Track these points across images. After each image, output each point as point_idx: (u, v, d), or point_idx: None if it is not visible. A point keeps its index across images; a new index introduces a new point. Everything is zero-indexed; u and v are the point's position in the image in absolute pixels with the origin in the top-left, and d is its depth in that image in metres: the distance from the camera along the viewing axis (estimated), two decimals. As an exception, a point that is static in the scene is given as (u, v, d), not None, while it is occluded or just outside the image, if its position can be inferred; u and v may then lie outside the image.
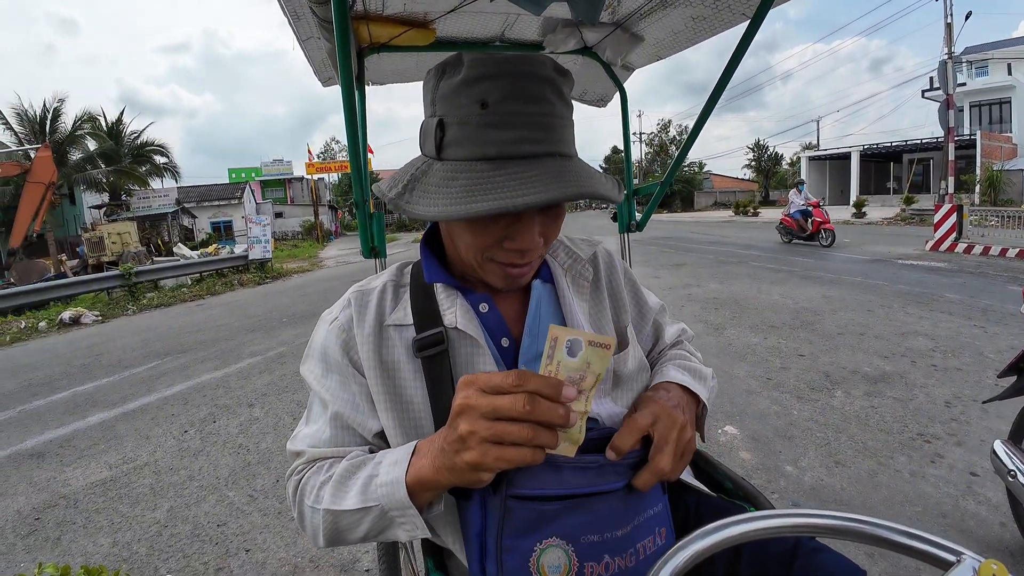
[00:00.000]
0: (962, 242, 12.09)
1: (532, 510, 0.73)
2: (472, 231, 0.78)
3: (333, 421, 0.87)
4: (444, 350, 0.85)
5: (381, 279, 0.96)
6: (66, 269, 15.85)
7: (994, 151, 25.76)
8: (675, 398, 0.89)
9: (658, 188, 1.65)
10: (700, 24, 1.45)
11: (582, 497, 0.75)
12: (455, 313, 0.86)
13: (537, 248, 0.79)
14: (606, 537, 0.76)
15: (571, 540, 0.74)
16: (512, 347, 0.89)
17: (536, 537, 0.73)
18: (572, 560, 0.73)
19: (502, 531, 0.73)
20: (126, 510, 3.05)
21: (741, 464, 3.05)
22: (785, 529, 0.61)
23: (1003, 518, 2.39)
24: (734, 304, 7.30)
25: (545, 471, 0.74)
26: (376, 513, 0.76)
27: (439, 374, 0.84)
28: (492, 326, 0.89)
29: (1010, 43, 30.34)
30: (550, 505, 0.74)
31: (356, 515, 0.77)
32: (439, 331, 0.85)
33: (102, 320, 10.30)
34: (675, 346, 1.11)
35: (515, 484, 0.73)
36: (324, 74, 1.59)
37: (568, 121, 0.77)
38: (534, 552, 0.73)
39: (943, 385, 4.01)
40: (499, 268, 0.82)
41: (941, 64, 14.90)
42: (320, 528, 0.80)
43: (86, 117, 23.66)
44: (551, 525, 0.73)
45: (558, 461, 0.73)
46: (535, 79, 0.72)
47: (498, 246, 0.79)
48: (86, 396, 5.32)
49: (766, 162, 54.76)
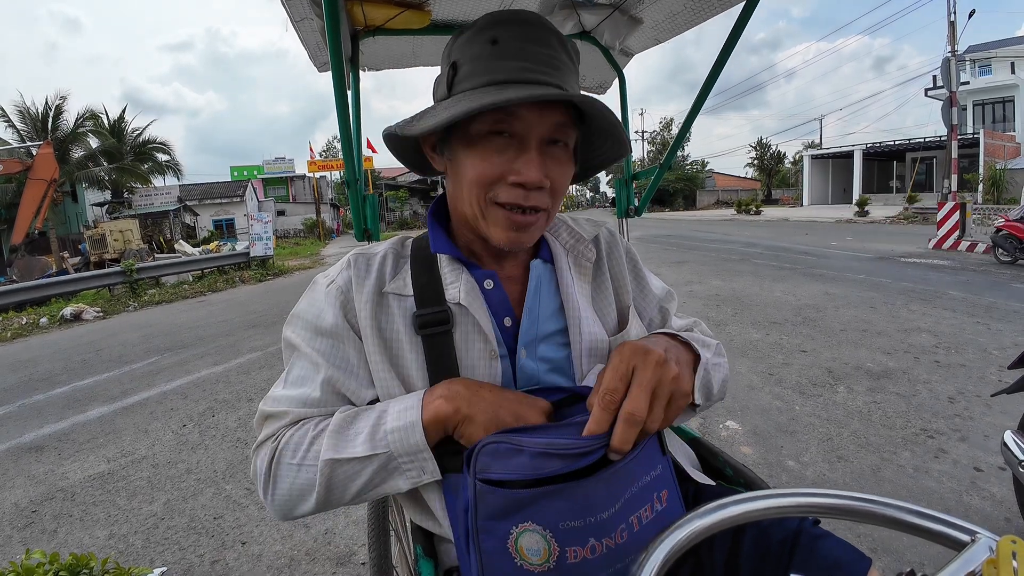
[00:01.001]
0: (965, 240, 12.06)
1: (503, 496, 0.68)
2: (480, 158, 0.78)
3: (325, 385, 0.83)
4: (448, 330, 0.83)
5: (382, 246, 0.94)
6: (68, 266, 15.87)
7: (997, 150, 25.65)
8: (656, 341, 0.80)
9: (657, 171, 1.62)
10: (699, 4, 1.42)
11: (557, 481, 0.69)
12: (459, 288, 0.85)
13: (539, 183, 0.78)
14: (589, 522, 0.69)
15: (548, 527, 0.68)
16: (514, 327, 0.87)
17: (511, 521, 0.69)
18: (552, 545, 0.68)
19: (476, 511, 0.69)
20: (123, 503, 3.03)
21: (743, 459, 3.01)
22: (789, 509, 0.58)
23: (1008, 513, 2.36)
24: (736, 301, 7.27)
25: (513, 455, 0.69)
26: (381, 461, 0.75)
27: (441, 354, 0.82)
28: (496, 304, 0.87)
29: (1014, 41, 30.22)
30: (522, 492, 0.68)
31: (358, 464, 0.75)
32: (443, 309, 0.83)
33: (103, 316, 10.30)
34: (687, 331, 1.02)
35: (485, 468, 0.69)
36: (319, 58, 1.56)
37: (572, 70, 0.81)
38: (511, 534, 0.68)
39: (946, 381, 3.98)
40: (503, 215, 0.80)
41: (944, 62, 14.84)
42: (309, 487, 0.77)
43: (88, 115, 23.63)
44: (524, 511, 0.68)
45: (524, 444, 0.69)
46: (543, 27, 0.79)
47: (502, 182, 0.78)
48: (86, 391, 5.31)
49: (768, 161, 54.61)
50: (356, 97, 1.53)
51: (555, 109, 0.77)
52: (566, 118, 0.79)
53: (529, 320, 0.87)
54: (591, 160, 0.96)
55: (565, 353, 0.88)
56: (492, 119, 0.76)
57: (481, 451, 0.70)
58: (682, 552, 0.53)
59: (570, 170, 0.84)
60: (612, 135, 0.86)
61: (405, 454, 0.74)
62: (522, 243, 0.83)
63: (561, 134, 0.79)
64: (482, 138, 0.78)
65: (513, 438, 0.71)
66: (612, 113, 0.78)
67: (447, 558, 0.88)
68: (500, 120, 0.76)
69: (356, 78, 1.55)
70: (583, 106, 0.78)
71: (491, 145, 0.77)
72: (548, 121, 0.77)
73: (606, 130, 0.84)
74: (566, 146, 0.81)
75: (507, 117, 0.76)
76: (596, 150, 0.92)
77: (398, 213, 46.87)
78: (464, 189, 0.81)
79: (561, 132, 0.79)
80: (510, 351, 0.86)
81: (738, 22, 1.23)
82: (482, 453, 0.70)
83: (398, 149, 0.93)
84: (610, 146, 0.91)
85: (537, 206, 0.80)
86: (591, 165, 0.97)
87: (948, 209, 12.54)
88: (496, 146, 0.77)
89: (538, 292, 0.89)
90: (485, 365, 0.83)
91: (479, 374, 0.83)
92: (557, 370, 0.88)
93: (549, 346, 0.88)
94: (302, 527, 2.64)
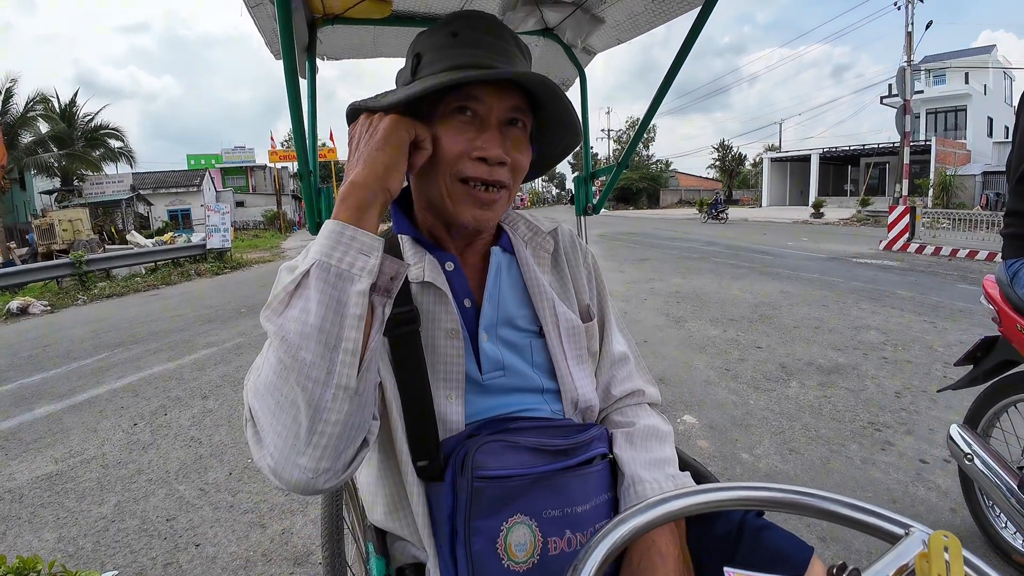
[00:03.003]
0: (914, 242, 12.53)
1: (498, 487, 0.77)
2: (445, 136, 0.82)
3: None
4: (415, 329, 0.84)
5: None
6: (14, 257, 15.19)
7: (948, 156, 26.74)
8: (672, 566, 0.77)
9: (615, 169, 1.64)
10: (659, 6, 1.44)
11: (545, 474, 0.80)
12: (423, 268, 0.87)
13: (501, 158, 0.82)
14: (567, 512, 0.79)
15: (534, 515, 0.77)
16: (473, 309, 0.90)
17: (503, 516, 0.77)
18: (536, 536, 0.77)
19: (470, 512, 0.76)
20: (72, 504, 2.92)
21: (699, 452, 3.08)
22: (729, 502, 0.59)
23: (953, 504, 2.46)
24: (695, 298, 7.41)
25: (509, 453, 0.79)
26: (317, 280, 0.64)
27: (409, 352, 0.83)
28: (456, 286, 0.90)
29: (968, 53, 31.53)
30: (514, 482, 0.78)
31: (299, 305, 0.64)
32: (410, 309, 0.84)
33: (51, 310, 9.88)
34: (629, 401, 1.01)
35: (482, 466, 0.77)
36: (275, 45, 1.52)
37: (525, 65, 0.89)
38: (501, 531, 0.76)
39: (894, 376, 4.13)
40: (468, 193, 0.83)
41: (900, 71, 15.38)
42: (277, 381, 0.64)
43: (39, 99, 22.67)
44: (516, 502, 0.77)
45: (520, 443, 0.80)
46: (500, 25, 0.88)
47: (466, 157, 0.82)
48: (33, 388, 5.09)
49: (730, 162, 55.84)
50: (312, 86, 1.50)
51: (512, 92, 0.83)
52: (522, 102, 0.85)
53: (490, 304, 0.90)
54: (548, 149, 0.99)
55: (528, 338, 0.92)
56: (456, 102, 0.82)
57: (477, 451, 0.77)
58: (623, 547, 0.54)
59: (528, 151, 0.89)
60: (566, 121, 0.90)
61: (334, 249, 0.66)
62: (487, 220, 0.86)
63: (519, 115, 0.85)
64: (446, 117, 0.83)
65: (508, 436, 0.80)
66: (566, 98, 0.84)
67: (400, 555, 0.88)
68: (463, 100, 0.82)
69: (313, 66, 1.52)
70: (539, 90, 0.83)
71: (455, 123, 0.82)
72: (506, 103, 0.83)
73: (561, 116, 0.89)
74: (524, 128, 0.87)
75: (469, 99, 0.82)
76: (552, 137, 0.96)
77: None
78: (431, 168, 0.84)
79: (519, 113, 0.85)
80: (471, 335, 0.88)
81: (694, 26, 1.25)
82: (478, 453, 0.77)
83: None
84: (565, 133, 0.94)
85: (500, 181, 0.84)
86: (548, 154, 1.01)
87: (899, 212, 13.01)
88: (459, 125, 0.82)
89: (498, 278, 0.92)
90: (445, 343, 0.85)
91: (440, 352, 0.85)
92: (518, 353, 0.91)
93: (511, 330, 0.91)
94: (258, 527, 2.59)
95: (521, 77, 0.81)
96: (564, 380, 0.91)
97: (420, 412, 0.81)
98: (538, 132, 0.93)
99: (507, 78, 0.82)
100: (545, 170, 1.05)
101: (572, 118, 0.88)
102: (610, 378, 1.00)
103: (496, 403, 0.87)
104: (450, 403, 0.84)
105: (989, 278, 2.09)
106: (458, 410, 0.84)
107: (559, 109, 0.86)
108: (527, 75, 0.79)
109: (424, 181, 0.87)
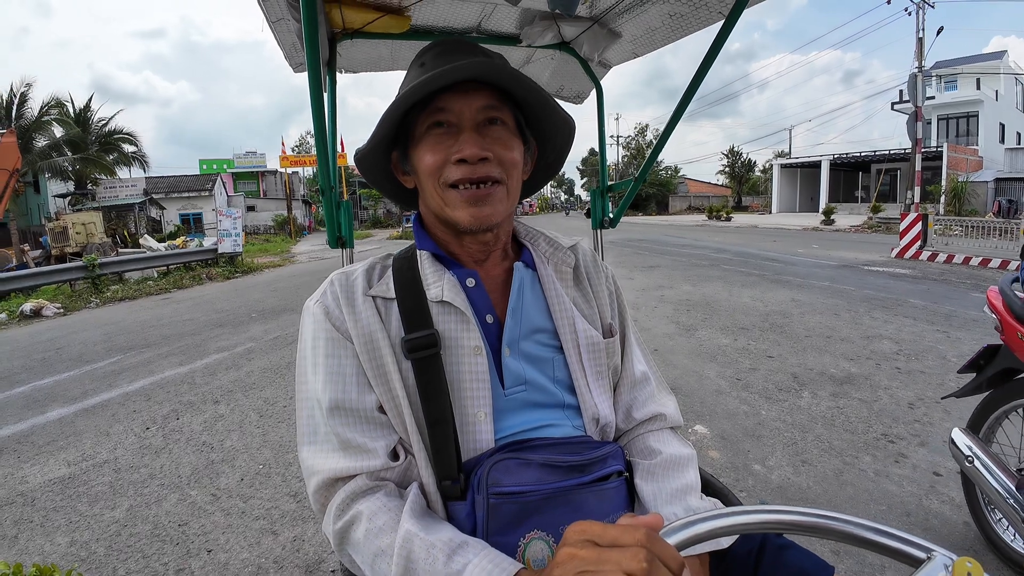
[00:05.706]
0: (927, 250, 12.42)
1: (514, 503, 0.77)
2: (426, 151, 0.85)
3: (332, 417, 0.81)
4: (436, 353, 0.83)
5: (365, 262, 0.96)
6: (28, 259, 15.35)
7: (960, 163, 26.54)
8: None
9: (632, 184, 1.64)
10: (677, 22, 1.45)
11: (560, 490, 0.80)
12: (442, 287, 0.87)
13: (478, 156, 0.83)
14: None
15: (551, 531, 0.78)
16: (496, 325, 0.90)
17: (520, 532, 0.77)
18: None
19: (488, 528, 0.76)
20: (85, 509, 2.95)
21: (710, 463, 3.07)
22: (753, 526, 0.59)
23: (967, 517, 2.43)
24: (706, 306, 7.38)
25: (523, 469, 0.79)
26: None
27: (431, 377, 0.83)
28: (478, 302, 0.90)
29: (980, 58, 31.32)
30: (529, 498, 0.78)
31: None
32: (431, 333, 0.84)
33: (64, 313, 9.99)
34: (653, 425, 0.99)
35: (497, 483, 0.78)
36: (295, 59, 1.55)
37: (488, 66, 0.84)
38: (519, 547, 0.76)
39: (907, 387, 4.10)
40: (458, 195, 0.85)
41: (911, 77, 15.28)
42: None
43: (53, 103, 22.93)
44: (532, 518, 0.78)
45: (532, 459, 0.80)
46: (467, 43, 0.92)
47: (448, 164, 0.84)
48: (45, 391, 5.14)
49: (740, 168, 55.60)
50: (332, 100, 1.52)
51: (480, 93, 0.85)
52: (493, 99, 0.86)
53: (513, 319, 0.90)
54: (550, 145, 0.99)
55: (550, 353, 0.91)
56: (428, 119, 0.85)
57: (491, 469, 0.78)
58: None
59: (515, 143, 0.89)
60: (542, 103, 0.89)
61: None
62: (486, 217, 0.86)
63: (494, 113, 0.86)
64: (423, 136, 0.86)
65: (521, 454, 0.81)
66: (530, 80, 0.84)
67: None
68: (434, 115, 0.85)
69: (333, 80, 1.54)
70: (504, 82, 0.85)
71: (432, 137, 0.86)
72: (475, 104, 0.85)
73: (538, 103, 0.89)
74: (505, 124, 0.88)
75: (438, 112, 0.85)
76: (546, 129, 0.96)
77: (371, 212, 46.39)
78: (424, 183, 0.88)
79: (494, 111, 0.86)
80: (493, 350, 0.88)
81: (716, 40, 1.25)
82: (493, 470, 0.78)
83: (377, 183, 1.00)
84: (553, 117, 0.93)
85: (487, 175, 0.84)
86: (552, 151, 1.01)
87: (911, 219, 12.91)
88: (436, 138, 0.85)
89: (521, 293, 0.92)
90: (470, 361, 0.85)
91: (465, 370, 0.85)
92: (541, 368, 0.90)
93: (534, 344, 0.91)
94: (270, 534, 2.60)
95: (464, 72, 0.80)
96: (583, 397, 0.91)
97: (443, 434, 0.81)
98: (538, 132, 0.96)
99: (455, 79, 0.82)
100: (557, 167, 1.05)
101: (544, 99, 0.88)
102: (632, 400, 0.99)
103: (519, 419, 0.86)
104: (479, 422, 0.83)
105: (993, 288, 2.19)
106: (488, 428, 0.83)
107: (530, 96, 0.87)
108: (471, 66, 0.79)
109: (424, 199, 0.92)
